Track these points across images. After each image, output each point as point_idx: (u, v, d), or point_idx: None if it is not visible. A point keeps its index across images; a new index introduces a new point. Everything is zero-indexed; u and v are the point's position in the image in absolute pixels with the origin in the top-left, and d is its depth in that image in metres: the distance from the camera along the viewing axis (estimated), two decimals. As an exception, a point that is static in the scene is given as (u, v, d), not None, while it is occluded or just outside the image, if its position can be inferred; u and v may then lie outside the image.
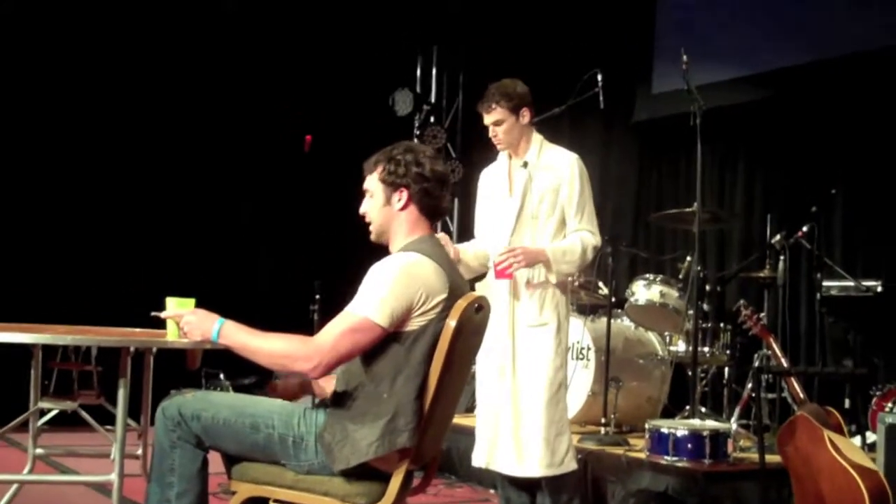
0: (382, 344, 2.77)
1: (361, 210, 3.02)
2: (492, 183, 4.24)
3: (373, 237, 3.03)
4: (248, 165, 8.10)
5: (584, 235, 3.97)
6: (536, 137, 4.11)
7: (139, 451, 3.72)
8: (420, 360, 2.77)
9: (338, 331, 2.74)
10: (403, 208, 2.94)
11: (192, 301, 3.05)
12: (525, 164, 4.05)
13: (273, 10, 8.17)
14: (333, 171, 6.85)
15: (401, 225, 2.96)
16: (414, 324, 2.77)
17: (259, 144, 8.10)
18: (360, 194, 3.01)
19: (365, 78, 8.43)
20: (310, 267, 7.33)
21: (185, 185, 7.85)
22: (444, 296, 2.80)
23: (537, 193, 4.00)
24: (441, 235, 4.00)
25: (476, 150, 8.68)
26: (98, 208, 7.55)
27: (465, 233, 8.83)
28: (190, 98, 7.85)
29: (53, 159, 7.41)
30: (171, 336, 3.03)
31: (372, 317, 2.73)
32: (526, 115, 4.04)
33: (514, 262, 3.86)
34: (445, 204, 3.02)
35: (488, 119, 4.06)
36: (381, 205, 2.96)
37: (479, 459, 4.09)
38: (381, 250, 2.99)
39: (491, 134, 4.09)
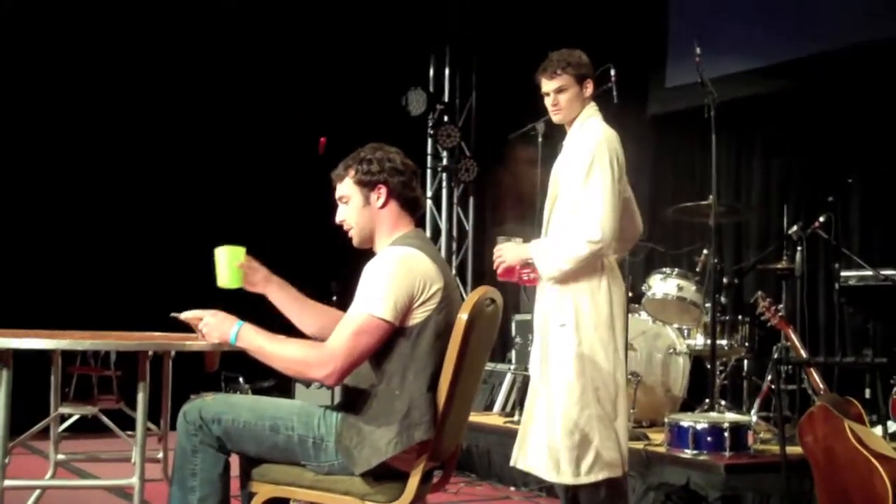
0: (388, 341, 2.78)
1: (338, 219, 3.02)
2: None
3: (355, 243, 3.02)
4: (262, 167, 8.13)
5: (578, 226, 3.57)
6: (585, 114, 3.82)
7: (160, 455, 3.73)
8: (427, 352, 2.78)
9: (347, 334, 2.74)
10: (384, 205, 2.95)
11: (242, 250, 3.05)
12: (561, 147, 3.86)
13: (285, 10, 8.18)
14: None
15: (383, 223, 2.96)
16: (417, 316, 2.78)
17: (273, 146, 8.12)
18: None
19: (378, 78, 8.44)
20: (326, 268, 7.33)
21: (200, 189, 7.88)
22: (440, 285, 2.82)
23: (565, 179, 3.75)
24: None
25: (490, 148, 8.70)
26: (114, 213, 7.59)
27: (481, 231, 8.87)
28: (203, 103, 7.88)
29: (70, 165, 7.45)
30: (232, 282, 3.04)
31: (377, 313, 2.73)
32: (589, 87, 3.81)
33: (499, 265, 3.73)
34: (422, 197, 3.04)
35: (551, 86, 3.78)
36: (359, 206, 2.96)
37: (514, 459, 3.82)
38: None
39: (551, 103, 3.80)
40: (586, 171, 3.61)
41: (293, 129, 7.88)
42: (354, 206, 2.97)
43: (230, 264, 3.05)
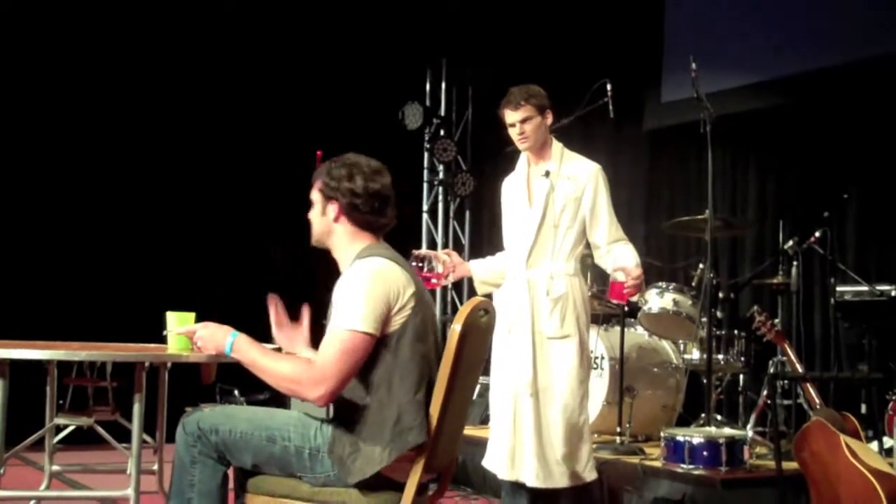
0: (372, 353, 2.78)
1: (309, 215, 3.07)
2: (512, 192, 4.24)
3: (312, 241, 3.08)
4: (259, 181, 8.12)
5: (628, 245, 4.10)
6: (557, 145, 4.15)
7: (155, 467, 3.73)
8: (409, 357, 2.79)
9: (336, 354, 2.74)
10: (336, 220, 2.97)
11: (192, 315, 3.06)
12: (547, 174, 4.06)
13: (282, 25, 8.20)
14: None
15: (340, 236, 2.99)
16: (395, 324, 2.80)
17: (270, 160, 8.12)
18: None
19: (374, 92, 8.45)
20: (322, 283, 7.34)
21: (197, 203, 7.87)
22: (413, 289, 2.85)
23: (559, 203, 4.02)
24: (448, 252, 4.05)
25: (487, 162, 8.71)
26: (110, 224, 7.58)
27: (478, 245, 8.87)
28: (201, 117, 7.88)
29: (68, 178, 7.43)
30: (177, 349, 3.04)
31: (360, 328, 2.74)
32: (549, 117, 4.10)
33: (637, 289, 3.95)
34: (384, 221, 2.99)
35: (516, 116, 4.05)
36: (318, 214, 3.01)
37: (501, 471, 4.05)
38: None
39: (518, 132, 4.06)
40: (607, 203, 4.11)
41: (290, 143, 7.88)
42: (316, 212, 3.02)
43: (187, 334, 3.04)
